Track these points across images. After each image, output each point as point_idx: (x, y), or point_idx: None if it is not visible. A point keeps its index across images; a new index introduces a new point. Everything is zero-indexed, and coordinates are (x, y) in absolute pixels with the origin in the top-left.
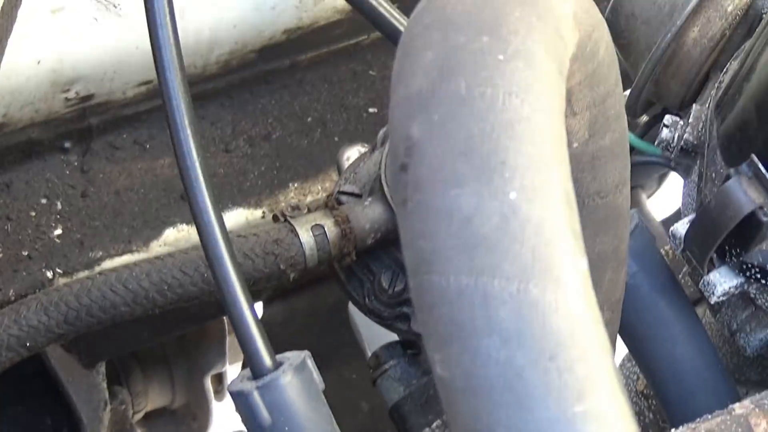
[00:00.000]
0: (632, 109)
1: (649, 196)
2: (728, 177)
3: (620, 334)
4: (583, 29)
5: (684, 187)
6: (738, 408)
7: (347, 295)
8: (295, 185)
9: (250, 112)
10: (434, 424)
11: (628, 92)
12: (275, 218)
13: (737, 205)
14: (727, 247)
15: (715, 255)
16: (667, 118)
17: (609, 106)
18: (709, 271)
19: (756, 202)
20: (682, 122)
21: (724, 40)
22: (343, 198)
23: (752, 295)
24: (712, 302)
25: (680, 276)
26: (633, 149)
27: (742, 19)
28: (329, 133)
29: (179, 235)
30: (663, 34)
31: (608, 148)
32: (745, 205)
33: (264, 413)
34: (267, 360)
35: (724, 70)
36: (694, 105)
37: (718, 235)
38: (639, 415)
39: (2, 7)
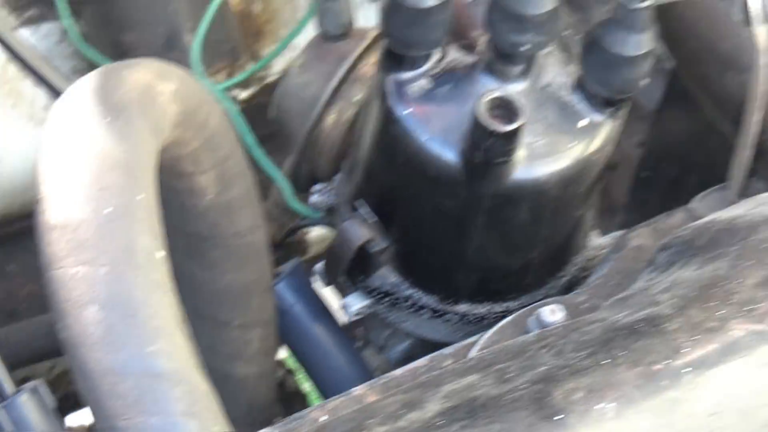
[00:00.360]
0: (297, 184)
1: None
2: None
3: (292, 352)
4: (187, 103)
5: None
6: (356, 390)
7: None
8: None
9: None
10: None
11: None
12: None
13: (350, 239)
14: (356, 275)
15: (351, 282)
16: (316, 186)
17: (231, 165)
18: (346, 296)
19: (363, 238)
20: (328, 188)
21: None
22: None
23: (382, 315)
24: (348, 320)
25: None
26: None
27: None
28: None
29: None
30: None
31: (237, 198)
32: (356, 239)
33: (9, 426)
34: (8, 387)
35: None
36: (339, 174)
37: (341, 264)
38: None
39: None
